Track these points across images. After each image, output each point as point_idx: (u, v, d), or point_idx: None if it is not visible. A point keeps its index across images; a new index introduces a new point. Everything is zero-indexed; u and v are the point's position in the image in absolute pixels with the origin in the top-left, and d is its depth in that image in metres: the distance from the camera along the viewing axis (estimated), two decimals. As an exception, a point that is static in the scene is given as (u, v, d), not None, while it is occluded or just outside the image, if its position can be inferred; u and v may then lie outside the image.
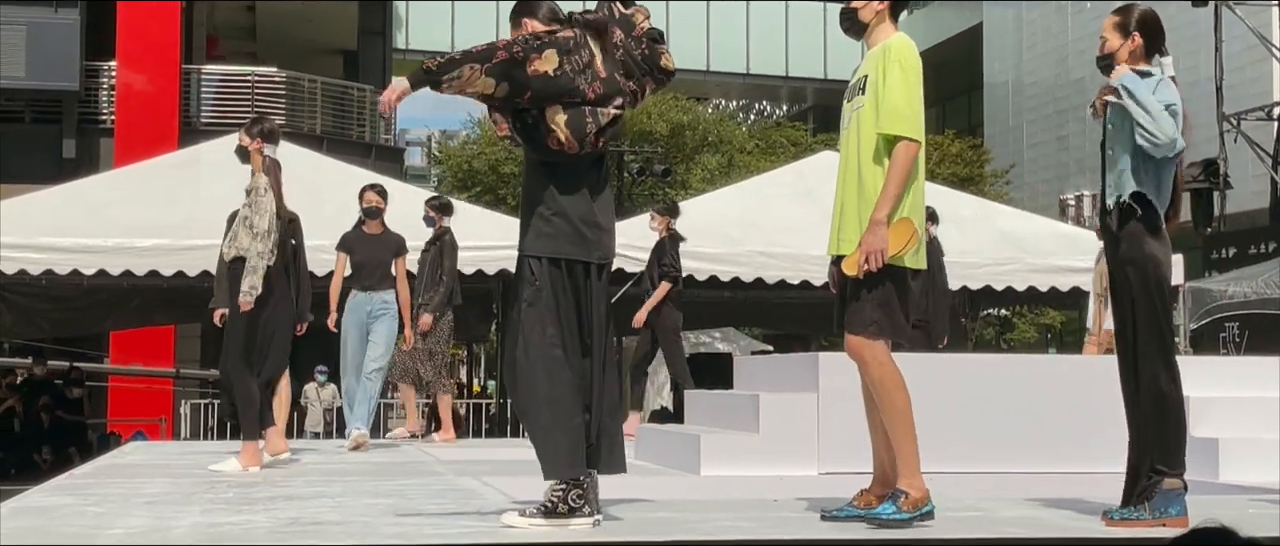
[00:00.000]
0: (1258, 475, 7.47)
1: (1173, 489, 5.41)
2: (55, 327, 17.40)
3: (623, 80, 5.46)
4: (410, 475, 7.92)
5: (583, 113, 5.37)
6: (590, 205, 5.44)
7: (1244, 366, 9.56)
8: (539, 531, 5.07)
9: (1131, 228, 5.51)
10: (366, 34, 30.17)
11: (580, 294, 5.40)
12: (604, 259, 5.48)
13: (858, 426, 5.79)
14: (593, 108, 5.38)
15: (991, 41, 42.71)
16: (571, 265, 5.39)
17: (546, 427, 5.27)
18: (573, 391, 5.30)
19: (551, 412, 5.27)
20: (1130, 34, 5.65)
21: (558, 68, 5.32)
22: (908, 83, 5.39)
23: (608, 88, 5.41)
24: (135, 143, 22.26)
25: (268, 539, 4.84)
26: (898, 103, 5.36)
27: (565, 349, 5.31)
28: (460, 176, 37.65)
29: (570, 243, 5.38)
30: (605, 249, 5.48)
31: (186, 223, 13.71)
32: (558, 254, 5.38)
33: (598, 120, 5.39)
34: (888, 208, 5.30)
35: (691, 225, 15.25)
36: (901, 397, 5.37)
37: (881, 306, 5.37)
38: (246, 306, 8.06)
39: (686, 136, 37.06)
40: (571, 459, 5.23)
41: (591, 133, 5.38)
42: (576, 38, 5.41)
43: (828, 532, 5.24)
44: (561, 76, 5.34)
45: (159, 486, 7.05)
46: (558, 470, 5.22)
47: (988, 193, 31.71)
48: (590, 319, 5.40)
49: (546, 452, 5.27)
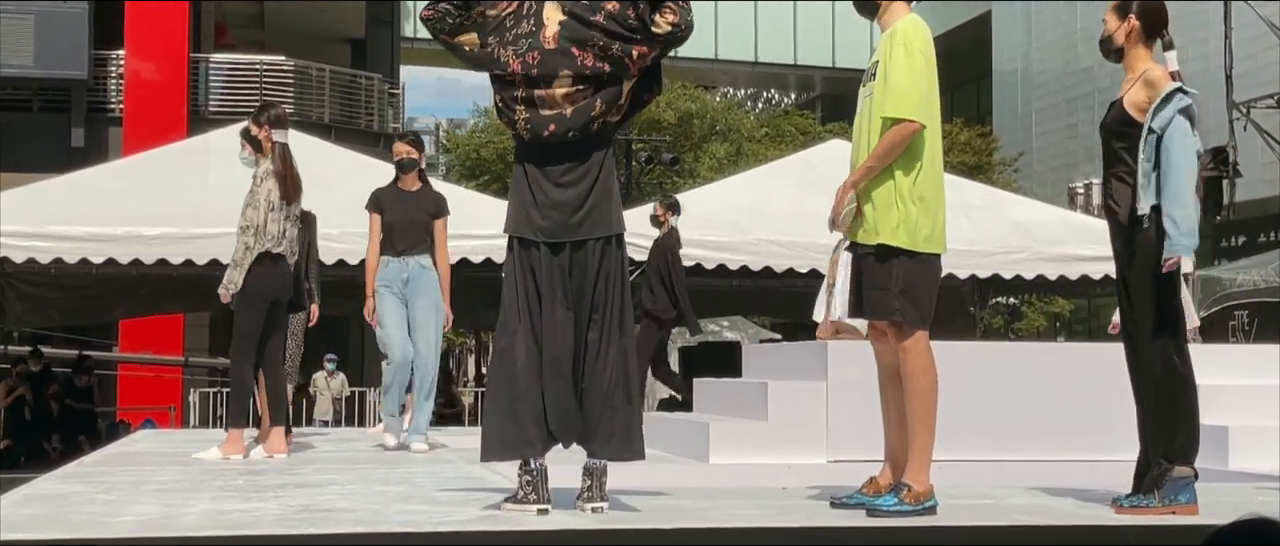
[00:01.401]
0: (1267, 462, 7.47)
1: (1182, 477, 5.41)
2: (64, 316, 17.41)
3: (581, 53, 5.30)
4: (420, 463, 7.92)
5: (510, 97, 5.37)
6: (542, 179, 5.38)
7: (1253, 354, 9.55)
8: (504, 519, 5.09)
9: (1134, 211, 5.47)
10: (375, 23, 30.16)
11: (539, 272, 5.36)
12: (550, 237, 5.34)
13: (866, 414, 5.79)
14: (526, 91, 5.33)
15: (1000, 30, 42.62)
16: (525, 243, 5.41)
17: (485, 412, 5.44)
18: (511, 378, 5.31)
19: (490, 398, 5.39)
20: (1126, 16, 5.60)
21: (479, 46, 5.39)
22: (912, 65, 5.34)
23: (544, 65, 5.30)
24: (143, 131, 22.27)
25: (277, 526, 4.84)
26: (901, 85, 5.32)
27: (517, 332, 5.32)
28: (468, 165, 37.68)
29: (523, 220, 5.41)
30: (552, 226, 5.34)
31: (195, 211, 13.71)
32: (512, 231, 5.45)
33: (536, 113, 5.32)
34: (861, 177, 5.34)
35: (700, 214, 15.26)
36: (932, 391, 5.34)
37: (904, 293, 5.34)
38: (225, 298, 8.08)
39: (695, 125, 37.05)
40: (501, 443, 5.30)
41: (521, 121, 5.35)
42: (518, 9, 5.37)
43: (837, 520, 5.23)
44: (482, 54, 5.39)
45: (168, 474, 7.06)
46: (486, 452, 5.35)
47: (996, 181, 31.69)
48: (559, 297, 5.34)
49: (482, 435, 5.42)
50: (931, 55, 5.42)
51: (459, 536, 4.74)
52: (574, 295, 5.36)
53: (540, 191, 5.36)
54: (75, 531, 4.73)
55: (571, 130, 5.34)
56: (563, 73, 5.33)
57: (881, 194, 5.36)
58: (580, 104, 5.35)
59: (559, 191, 5.36)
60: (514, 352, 5.30)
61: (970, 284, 16.93)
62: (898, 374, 5.42)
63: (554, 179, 5.37)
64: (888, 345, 5.45)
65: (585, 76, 5.33)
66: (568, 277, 5.36)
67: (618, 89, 5.40)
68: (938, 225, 5.41)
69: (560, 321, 5.33)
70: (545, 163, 5.39)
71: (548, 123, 5.35)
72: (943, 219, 5.45)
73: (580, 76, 5.33)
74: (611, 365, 5.36)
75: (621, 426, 5.38)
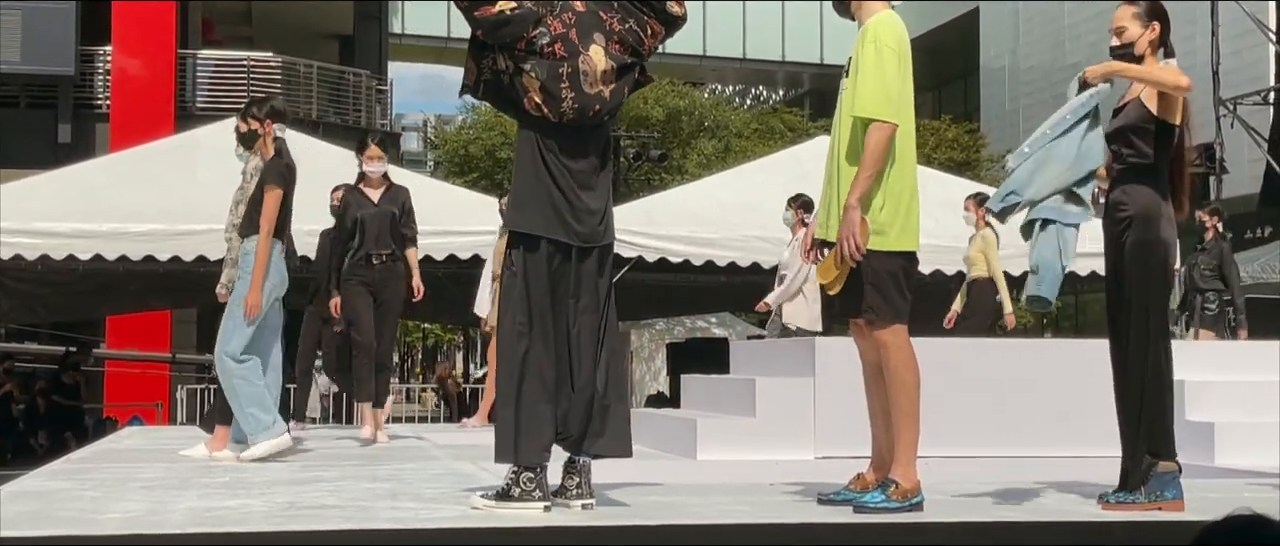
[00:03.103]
0: (1253, 459, 7.49)
1: (1168, 472, 5.43)
2: (51, 313, 17.38)
3: (608, 17, 5.26)
4: (407, 460, 7.92)
5: (557, 72, 5.20)
6: (571, 181, 5.29)
7: (1239, 350, 9.58)
8: (497, 516, 5.07)
9: (1145, 209, 5.48)
10: (363, 19, 30.09)
11: (556, 274, 5.31)
12: (585, 242, 5.33)
13: (853, 410, 5.80)
14: (570, 66, 5.20)
15: (988, 26, 42.64)
16: (549, 243, 5.29)
17: (501, 411, 5.31)
18: (534, 379, 5.24)
19: (506, 399, 5.28)
20: (1150, 24, 5.62)
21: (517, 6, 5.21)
22: (882, 63, 5.28)
23: (580, 25, 5.24)
24: (131, 127, 22.22)
25: (264, 523, 4.83)
26: (871, 85, 5.27)
27: (532, 335, 5.25)
28: (457, 162, 37.58)
29: (554, 222, 5.28)
30: (587, 231, 5.32)
31: (182, 207, 13.69)
32: (532, 230, 5.30)
33: (580, 89, 5.20)
34: (860, 192, 5.22)
35: (688, 210, 15.26)
36: (914, 386, 5.34)
37: (878, 291, 5.34)
38: (222, 298, 7.99)
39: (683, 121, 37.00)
40: (518, 445, 5.21)
41: (567, 101, 5.19)
42: None
43: (824, 516, 5.24)
44: (526, 12, 5.20)
45: (155, 471, 7.05)
46: (502, 454, 5.26)
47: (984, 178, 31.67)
48: (567, 301, 5.32)
49: (496, 436, 5.32)
50: (904, 52, 5.36)
51: (447, 534, 4.74)
52: (583, 296, 5.37)
53: (571, 192, 5.28)
54: (62, 528, 4.72)
55: (608, 113, 5.36)
56: (597, 35, 5.28)
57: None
58: (614, 85, 5.32)
59: (588, 195, 5.33)
60: (535, 355, 5.27)
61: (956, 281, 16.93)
62: (881, 370, 5.43)
63: (580, 178, 5.32)
64: (869, 342, 5.46)
65: (614, 54, 5.30)
66: (589, 280, 5.37)
67: (633, 74, 5.44)
68: (910, 222, 5.38)
69: (570, 323, 5.34)
70: (569, 154, 5.30)
71: (593, 102, 5.26)
72: (915, 215, 5.41)
73: (611, 54, 5.29)
74: (605, 364, 5.38)
75: (614, 424, 5.40)
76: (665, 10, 5.39)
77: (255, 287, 7.66)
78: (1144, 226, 5.48)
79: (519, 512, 5.11)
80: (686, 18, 5.49)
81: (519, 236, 5.36)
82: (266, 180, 7.75)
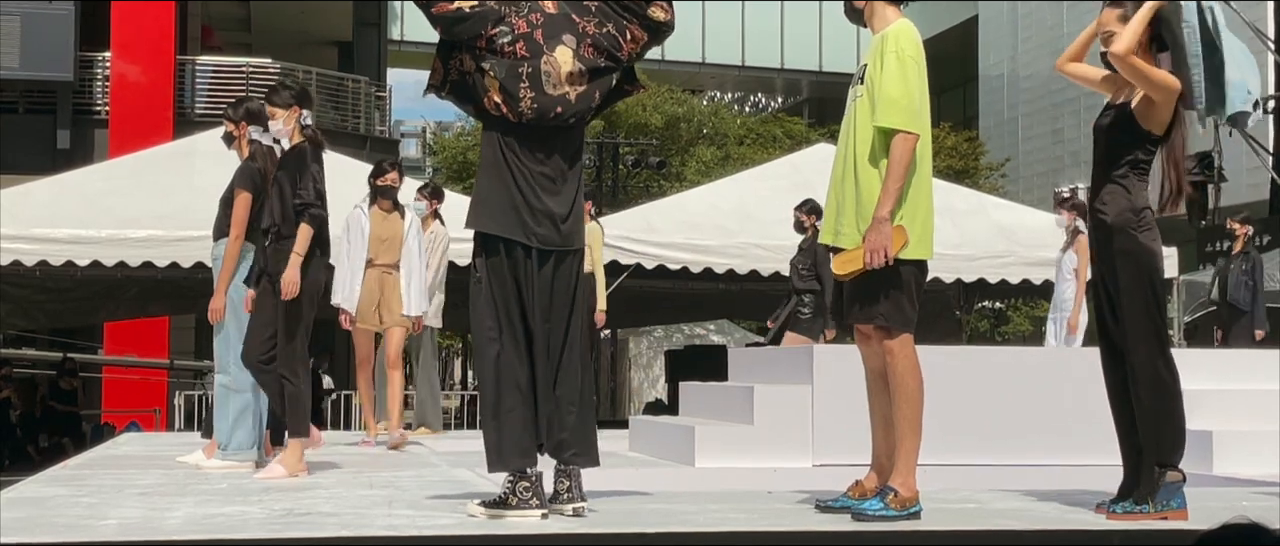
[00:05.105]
0: (1252, 467, 7.48)
1: (1173, 481, 5.41)
2: (50, 319, 17.37)
3: (581, 20, 5.20)
4: (404, 467, 7.90)
5: (517, 71, 5.13)
6: (533, 183, 5.22)
7: (1238, 359, 9.57)
8: (493, 524, 5.06)
9: (1120, 216, 5.48)
10: (362, 25, 30.11)
11: (520, 276, 5.26)
12: (544, 245, 5.25)
13: (851, 418, 5.79)
14: (531, 67, 5.13)
15: (987, 34, 42.65)
16: (509, 245, 5.24)
17: (484, 421, 5.30)
18: (510, 386, 5.22)
19: (486, 408, 5.27)
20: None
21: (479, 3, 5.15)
22: (904, 73, 5.29)
23: (548, 26, 5.17)
24: (129, 133, 22.21)
25: (261, 530, 4.82)
26: (893, 94, 5.28)
27: (502, 339, 5.23)
28: (455, 168, 37.59)
29: (505, 220, 5.22)
30: (546, 234, 5.24)
31: (181, 214, 13.68)
32: (490, 230, 5.25)
33: (541, 90, 5.13)
34: (889, 204, 5.22)
35: (686, 217, 15.26)
36: (918, 394, 5.33)
37: (888, 298, 5.33)
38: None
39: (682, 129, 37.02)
40: (504, 452, 5.20)
41: (526, 101, 5.12)
42: None
43: (822, 524, 5.23)
44: (485, 10, 5.14)
45: (153, 477, 7.04)
46: (492, 462, 5.25)
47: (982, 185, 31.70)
48: (535, 304, 5.26)
49: (485, 447, 5.31)
50: (922, 60, 5.39)
51: (443, 542, 4.73)
52: (549, 302, 5.33)
53: (532, 194, 5.24)
54: (58, 535, 4.71)
55: (572, 116, 5.29)
56: (566, 36, 5.24)
57: (868, 201, 5.34)
58: (582, 89, 5.27)
59: (550, 199, 5.27)
60: (509, 359, 5.25)
61: (956, 288, 16.95)
62: (884, 378, 5.42)
63: (541, 182, 5.26)
64: (873, 349, 5.45)
65: (585, 57, 5.25)
66: (548, 285, 5.33)
67: (609, 79, 5.39)
68: (927, 231, 5.40)
69: (539, 328, 5.30)
70: (531, 155, 5.25)
71: (555, 103, 5.21)
72: (930, 225, 5.43)
73: (581, 57, 5.24)
74: (576, 372, 5.36)
75: (585, 432, 5.40)
76: (648, 16, 5.35)
77: (219, 291, 7.62)
78: (1123, 236, 5.47)
79: (515, 520, 5.10)
80: (673, 24, 5.41)
81: (479, 241, 5.32)
82: (237, 183, 7.69)
